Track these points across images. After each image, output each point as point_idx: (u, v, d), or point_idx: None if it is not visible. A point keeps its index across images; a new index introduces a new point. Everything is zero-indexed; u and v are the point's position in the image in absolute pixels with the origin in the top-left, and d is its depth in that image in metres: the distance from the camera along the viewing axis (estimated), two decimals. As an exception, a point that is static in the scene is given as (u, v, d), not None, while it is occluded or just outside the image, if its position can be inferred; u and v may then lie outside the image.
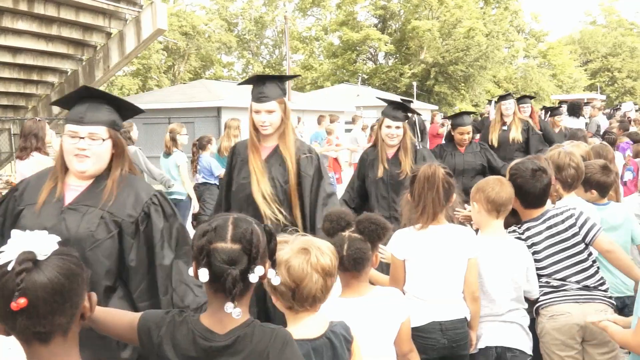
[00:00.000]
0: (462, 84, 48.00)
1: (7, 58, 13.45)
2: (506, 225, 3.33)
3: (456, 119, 6.49)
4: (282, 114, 3.72)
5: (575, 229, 3.22)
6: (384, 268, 3.31)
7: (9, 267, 1.42)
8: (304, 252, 2.08)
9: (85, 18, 13.63)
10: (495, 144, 7.45)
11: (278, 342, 1.81)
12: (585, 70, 61.99)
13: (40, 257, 1.44)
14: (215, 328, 1.80)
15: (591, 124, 12.65)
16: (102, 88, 23.41)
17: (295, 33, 54.81)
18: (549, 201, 3.45)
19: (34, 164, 5.54)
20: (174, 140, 8.22)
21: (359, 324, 2.32)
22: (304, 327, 2.08)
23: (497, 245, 3.18)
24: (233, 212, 1.89)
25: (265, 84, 3.74)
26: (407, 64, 49.70)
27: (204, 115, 21.66)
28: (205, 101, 22.65)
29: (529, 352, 3.20)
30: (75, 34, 14.00)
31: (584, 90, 54.46)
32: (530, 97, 9.29)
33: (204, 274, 1.72)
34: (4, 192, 5.57)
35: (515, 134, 7.49)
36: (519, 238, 3.29)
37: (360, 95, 33.15)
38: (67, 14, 13.13)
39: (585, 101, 17.26)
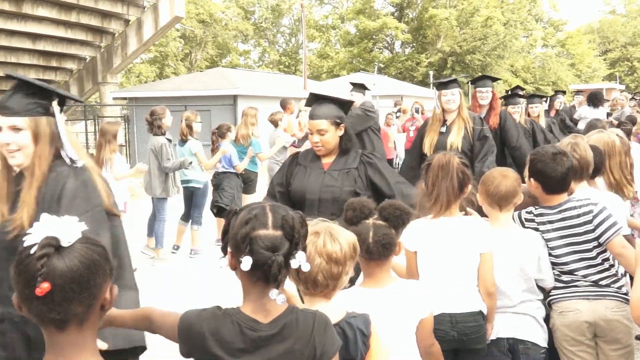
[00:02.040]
0: (480, 74, 47.62)
1: (27, 44, 13.60)
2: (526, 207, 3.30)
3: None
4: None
5: (589, 227, 3.14)
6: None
7: (32, 251, 1.41)
8: (314, 235, 2.11)
9: (104, 5, 13.74)
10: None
11: (321, 325, 1.85)
12: (604, 59, 61.18)
13: (64, 244, 1.43)
14: (259, 317, 1.81)
15: (621, 115, 12.40)
16: (119, 75, 23.58)
17: (311, 21, 54.61)
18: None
19: None
20: (189, 127, 8.30)
21: (378, 315, 2.33)
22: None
23: (504, 238, 3.14)
24: (266, 201, 1.90)
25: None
26: (423, 53, 49.40)
27: (220, 104, 21.72)
28: (221, 89, 22.69)
29: (543, 344, 3.17)
30: (94, 21, 14.12)
31: (602, 80, 53.78)
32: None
33: (247, 262, 1.72)
34: None
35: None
36: (532, 220, 3.26)
37: (377, 84, 33.07)
38: (86, 1, 13.26)
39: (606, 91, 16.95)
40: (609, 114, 12.59)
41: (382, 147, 8.37)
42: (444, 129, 5.59)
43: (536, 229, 3.24)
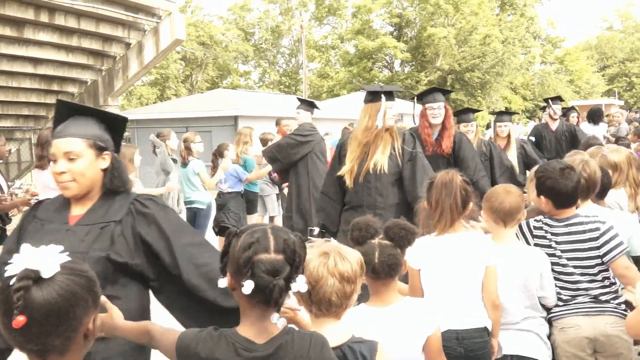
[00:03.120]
0: (479, 91, 47.78)
1: (29, 69, 13.68)
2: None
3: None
4: None
5: (594, 244, 3.16)
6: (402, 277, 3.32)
7: (11, 282, 1.40)
8: (324, 256, 2.11)
9: (104, 29, 13.83)
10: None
11: (317, 346, 1.85)
12: (603, 75, 61.41)
13: (44, 275, 1.41)
14: (255, 338, 1.81)
15: (618, 131, 12.43)
16: (121, 98, 23.68)
17: (311, 42, 54.98)
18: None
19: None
20: (188, 149, 8.32)
21: (386, 334, 2.33)
22: (324, 332, 2.06)
23: (507, 254, 3.15)
24: (266, 224, 1.91)
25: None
26: (423, 71, 49.61)
27: (221, 124, 21.82)
28: (222, 110, 22.81)
29: None
30: (95, 45, 14.21)
31: (601, 96, 53.95)
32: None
33: (249, 286, 1.72)
34: (24, 199, 5.65)
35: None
36: (541, 228, 3.27)
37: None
38: (87, 25, 13.35)
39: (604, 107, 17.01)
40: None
41: (322, 178, 6.43)
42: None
43: (544, 237, 3.25)
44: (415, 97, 6.08)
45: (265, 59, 58.74)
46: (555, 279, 3.23)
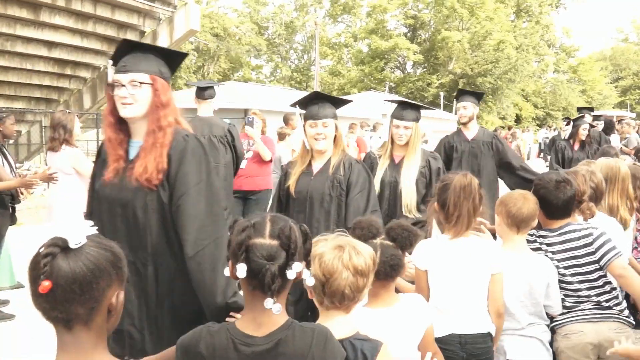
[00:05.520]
0: (490, 96, 47.69)
1: (43, 52, 13.75)
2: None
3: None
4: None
5: (590, 249, 3.18)
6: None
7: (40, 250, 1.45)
8: (338, 249, 2.11)
9: (120, 16, 13.89)
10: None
11: (320, 340, 1.82)
12: (616, 87, 61.19)
13: (71, 245, 1.45)
14: (255, 332, 1.80)
15: (628, 142, 12.37)
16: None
17: (324, 39, 54.95)
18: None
19: (65, 156, 5.64)
20: None
21: (386, 334, 2.32)
22: (331, 325, 2.06)
23: (516, 260, 3.16)
24: (269, 213, 1.91)
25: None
26: (435, 74, 49.56)
27: (230, 117, 21.83)
28: (232, 102, 22.86)
29: None
30: (110, 31, 14.28)
31: (613, 107, 53.75)
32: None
33: (242, 270, 1.73)
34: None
35: None
36: (534, 241, 3.29)
37: (387, 104, 33.06)
38: (103, 12, 13.41)
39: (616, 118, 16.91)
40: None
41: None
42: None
43: (539, 250, 3.27)
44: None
45: (277, 53, 58.79)
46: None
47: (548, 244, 3.26)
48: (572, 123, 8.86)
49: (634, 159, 7.60)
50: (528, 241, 3.31)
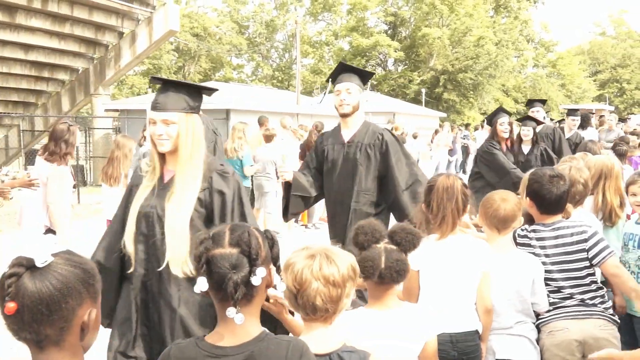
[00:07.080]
0: (471, 92, 47.96)
1: (20, 55, 13.58)
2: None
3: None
4: None
5: (583, 246, 3.20)
6: None
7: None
8: (310, 258, 2.04)
9: (98, 17, 13.74)
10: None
11: (295, 354, 1.76)
12: (594, 80, 61.80)
13: (38, 264, 1.39)
14: (225, 343, 1.76)
15: (610, 135, 12.43)
16: (111, 87, 23.59)
17: (305, 37, 54.89)
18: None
19: (52, 170, 5.34)
20: None
21: (384, 338, 2.31)
22: (313, 338, 2.02)
23: (501, 260, 3.18)
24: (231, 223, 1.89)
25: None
26: (416, 70, 49.70)
27: (212, 117, 21.68)
28: (214, 103, 22.71)
29: None
30: (88, 33, 14.12)
31: (592, 101, 54.27)
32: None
33: (202, 283, 1.71)
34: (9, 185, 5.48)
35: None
36: (525, 236, 3.29)
37: (369, 101, 33.17)
38: (80, 13, 13.25)
39: (594, 112, 17.01)
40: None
41: None
42: None
43: (529, 245, 3.27)
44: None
45: (258, 52, 58.60)
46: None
47: (539, 239, 3.26)
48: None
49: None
50: (519, 236, 3.32)
